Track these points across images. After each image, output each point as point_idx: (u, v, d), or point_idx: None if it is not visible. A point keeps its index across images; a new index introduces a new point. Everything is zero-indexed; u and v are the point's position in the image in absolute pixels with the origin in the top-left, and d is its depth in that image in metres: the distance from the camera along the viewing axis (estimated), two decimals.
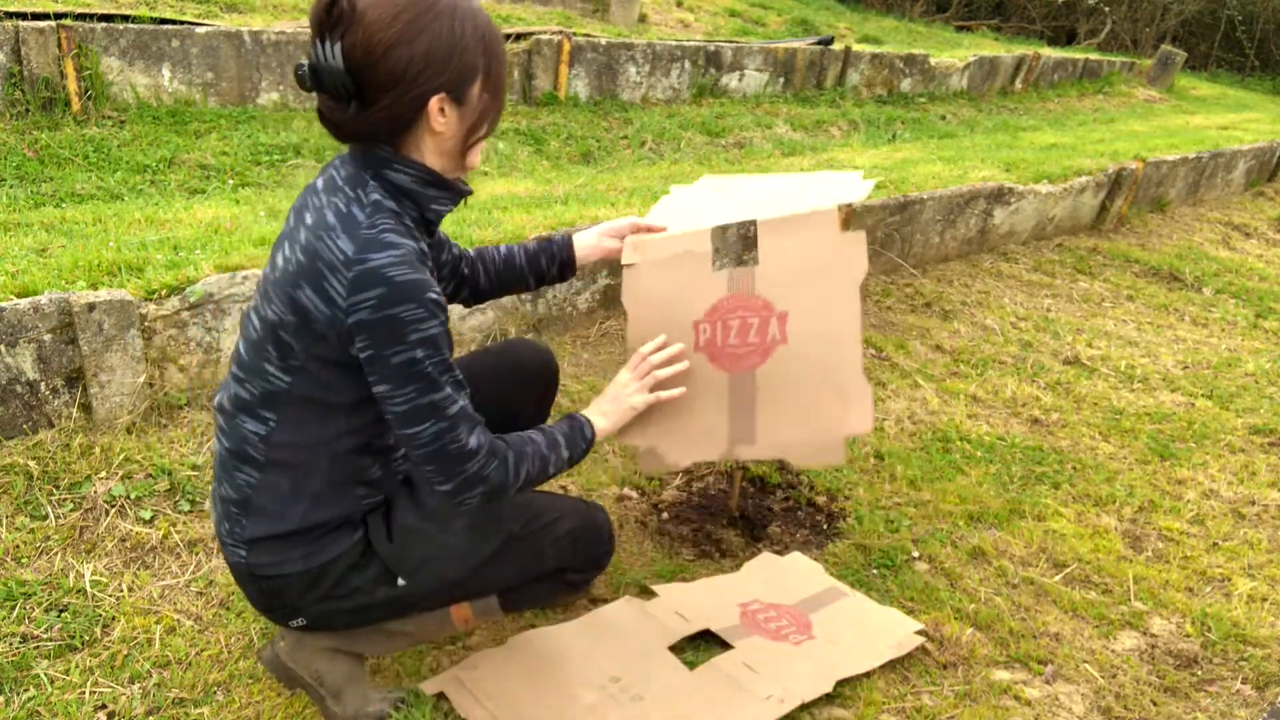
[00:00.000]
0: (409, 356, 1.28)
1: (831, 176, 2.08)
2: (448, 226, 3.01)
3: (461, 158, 1.38)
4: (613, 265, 3.22)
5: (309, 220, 1.32)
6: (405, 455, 1.50)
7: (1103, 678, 1.99)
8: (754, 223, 1.84)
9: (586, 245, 1.86)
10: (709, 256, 1.82)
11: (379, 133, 1.30)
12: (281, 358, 1.34)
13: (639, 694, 1.75)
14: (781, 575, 2.17)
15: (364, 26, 1.21)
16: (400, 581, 1.51)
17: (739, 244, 1.86)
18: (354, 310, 1.26)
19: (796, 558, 2.24)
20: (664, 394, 1.71)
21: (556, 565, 1.63)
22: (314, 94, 1.28)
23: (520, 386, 1.87)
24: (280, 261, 1.34)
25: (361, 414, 1.40)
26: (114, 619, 1.83)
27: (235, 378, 1.42)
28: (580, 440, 1.59)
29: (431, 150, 1.34)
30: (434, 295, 1.29)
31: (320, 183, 1.37)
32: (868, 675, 1.90)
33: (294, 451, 1.40)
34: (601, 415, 1.66)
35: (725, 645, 1.92)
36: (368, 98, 1.25)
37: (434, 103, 1.27)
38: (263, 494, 1.42)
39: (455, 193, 1.40)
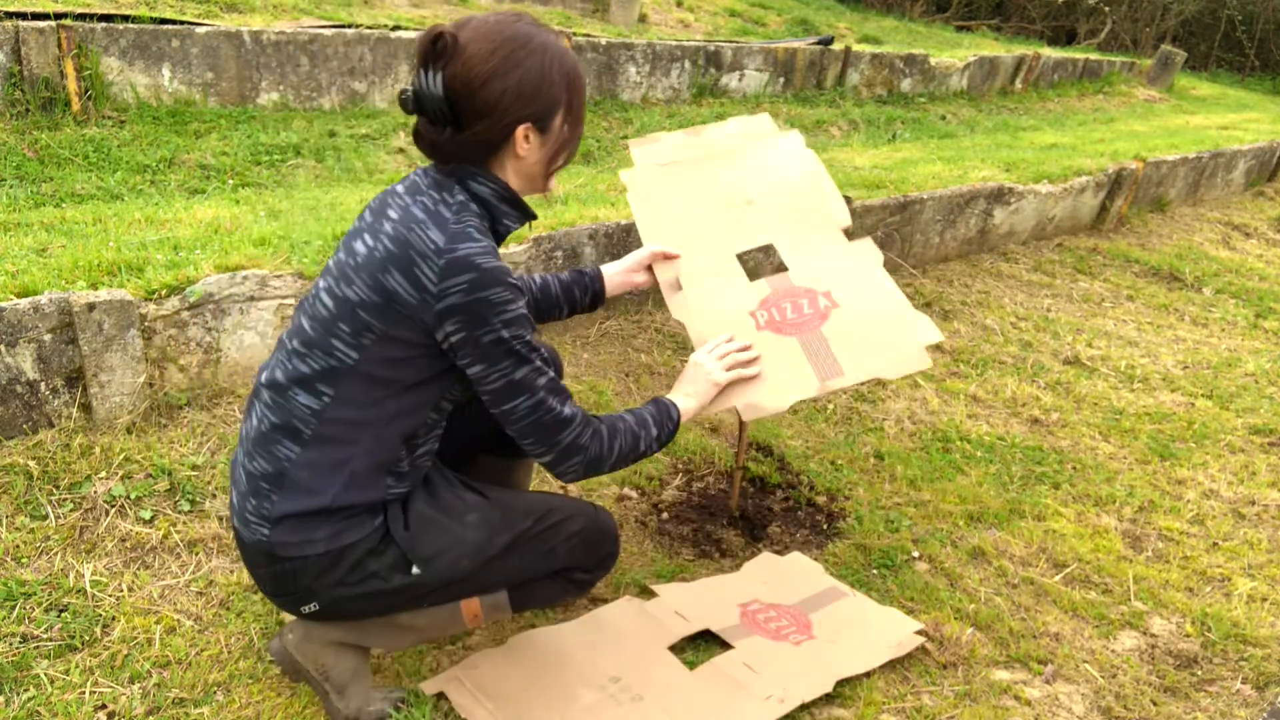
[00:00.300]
0: (500, 335, 1.40)
1: (774, 156, 2.24)
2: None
3: (541, 182, 1.54)
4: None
5: (394, 215, 1.43)
6: (512, 436, 1.55)
7: (1103, 678, 1.99)
8: (771, 246, 2.07)
9: (615, 279, 2.00)
10: (742, 275, 2.02)
11: (470, 154, 1.44)
12: (354, 335, 1.42)
13: (639, 694, 1.75)
14: (781, 575, 2.17)
15: (464, 60, 1.36)
16: (415, 570, 1.52)
17: (764, 259, 2.01)
18: (445, 295, 1.37)
19: (796, 558, 2.24)
20: (743, 371, 1.81)
21: (566, 564, 1.65)
22: (413, 115, 1.42)
23: None
24: (361, 249, 1.44)
25: (413, 398, 1.48)
26: (114, 619, 1.83)
27: (295, 353, 1.47)
28: (668, 421, 1.68)
29: (513, 171, 1.49)
30: (514, 280, 1.43)
31: (401, 187, 1.49)
32: (868, 675, 1.90)
33: (342, 428, 1.45)
34: (685, 396, 1.75)
35: (725, 645, 1.92)
36: (463, 123, 1.41)
37: (521, 130, 1.43)
38: (301, 469, 1.46)
39: (524, 213, 1.54)
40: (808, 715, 1.79)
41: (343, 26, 4.96)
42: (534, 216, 1.57)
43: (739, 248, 2.07)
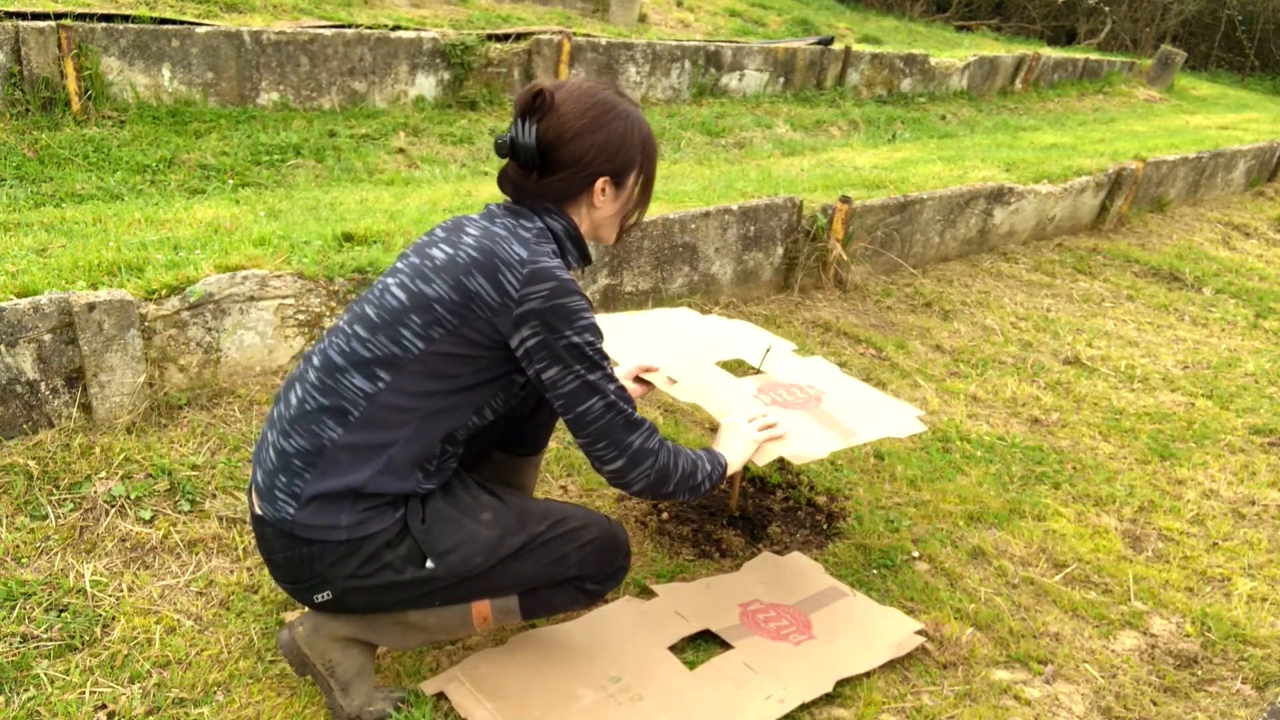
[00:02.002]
0: (576, 340, 1.51)
1: (711, 320, 2.59)
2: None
3: (609, 233, 1.70)
4: (612, 267, 3.22)
5: (473, 231, 1.56)
6: (581, 446, 1.63)
7: (1103, 678, 1.99)
8: (742, 359, 2.36)
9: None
10: (729, 375, 2.22)
11: (550, 197, 1.60)
12: (425, 327, 1.50)
13: (639, 694, 1.75)
14: (781, 575, 2.17)
15: (558, 116, 1.54)
16: (429, 563, 1.55)
17: (738, 370, 2.36)
18: (526, 300, 1.48)
19: (796, 557, 2.24)
20: (772, 433, 1.94)
21: (577, 572, 1.68)
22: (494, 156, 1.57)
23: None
24: (440, 255, 1.54)
25: (461, 399, 1.55)
26: (114, 619, 1.83)
27: (356, 337, 1.53)
28: (718, 467, 1.78)
29: (584, 216, 1.64)
30: (586, 296, 1.56)
31: (476, 216, 1.63)
32: (867, 675, 1.90)
33: (390, 414, 1.51)
34: (728, 451, 1.86)
35: (725, 645, 1.92)
36: (549, 170, 1.57)
37: (600, 182, 1.60)
38: (342, 450, 1.51)
39: (584, 256, 1.67)
40: (808, 715, 1.79)
41: (343, 26, 4.97)
42: (590, 262, 1.70)
43: (715, 359, 2.29)
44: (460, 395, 1.55)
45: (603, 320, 2.44)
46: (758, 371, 2.28)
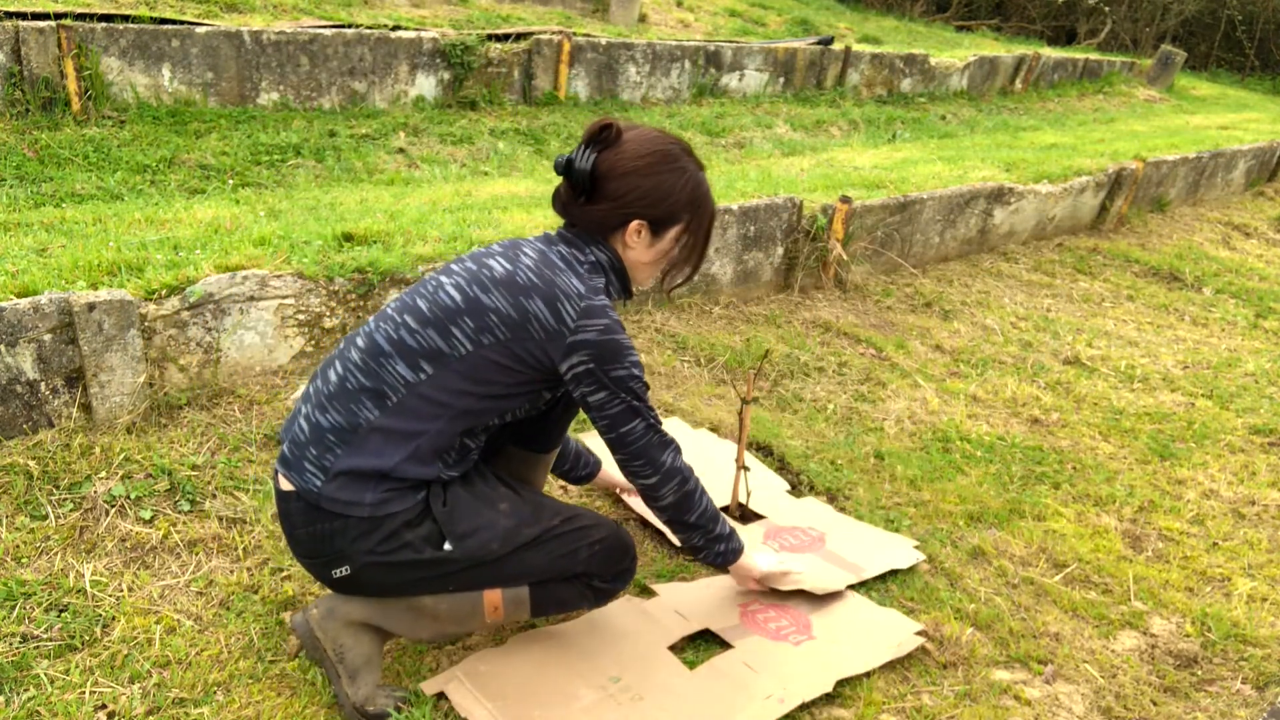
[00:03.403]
0: (627, 372, 1.63)
1: (707, 441, 2.71)
2: (449, 225, 3.01)
3: (643, 275, 1.76)
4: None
5: (531, 254, 1.64)
6: (618, 460, 1.74)
7: (1103, 678, 1.99)
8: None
9: (604, 479, 2.27)
10: (734, 523, 2.34)
11: (589, 223, 1.68)
12: (477, 332, 1.57)
13: (639, 694, 1.75)
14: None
15: (619, 151, 1.63)
16: (447, 545, 1.61)
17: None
18: (581, 330, 1.58)
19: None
20: (789, 579, 2.08)
21: (585, 569, 1.74)
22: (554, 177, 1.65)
23: None
24: (499, 269, 1.61)
25: (490, 404, 1.62)
26: (114, 619, 1.83)
27: (405, 327, 1.60)
28: (733, 542, 1.90)
29: (622, 255, 1.71)
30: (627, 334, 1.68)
31: (534, 238, 1.71)
32: (868, 675, 1.90)
33: (425, 405, 1.57)
34: (750, 555, 1.97)
35: (725, 645, 1.92)
36: (594, 199, 1.66)
37: (635, 224, 1.67)
38: (375, 431, 1.56)
39: (625, 290, 1.76)
40: (808, 715, 1.79)
41: (343, 26, 4.97)
42: (631, 296, 1.79)
43: (717, 505, 2.35)
44: (492, 400, 1.61)
45: (592, 443, 2.56)
46: (759, 516, 2.40)
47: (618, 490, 2.34)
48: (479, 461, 1.75)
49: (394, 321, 1.61)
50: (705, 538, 1.83)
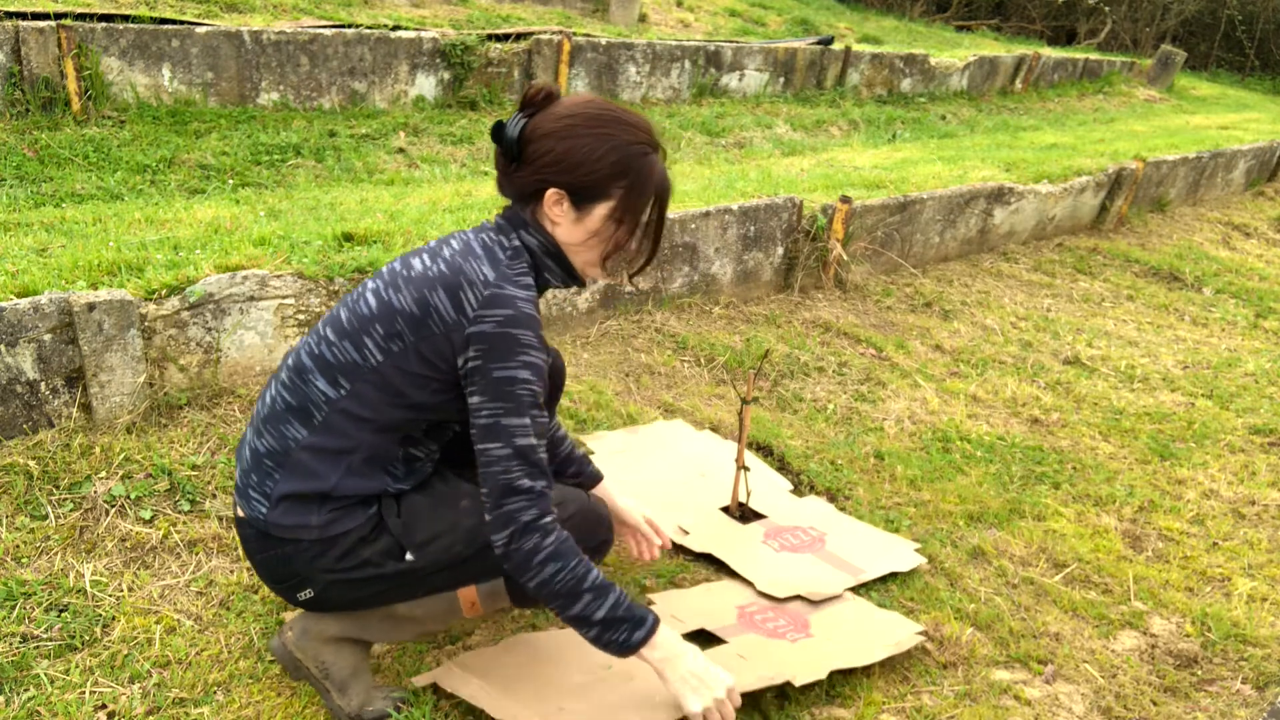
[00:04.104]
0: (511, 374, 1.44)
1: (705, 444, 2.68)
2: (449, 225, 3.01)
3: (581, 259, 1.58)
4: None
5: (455, 245, 1.53)
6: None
7: (1103, 678, 1.99)
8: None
9: (601, 492, 1.95)
10: (734, 522, 2.36)
11: (516, 194, 1.55)
12: (386, 339, 1.48)
13: (630, 675, 1.76)
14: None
15: (545, 114, 1.50)
16: (409, 556, 1.54)
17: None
18: (479, 320, 1.44)
19: None
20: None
21: None
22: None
23: None
24: (418, 265, 1.52)
25: (417, 414, 1.53)
26: (114, 619, 1.83)
27: (326, 340, 1.53)
28: (627, 628, 1.51)
29: (553, 235, 1.56)
30: (541, 333, 1.49)
31: (470, 229, 1.60)
32: (868, 675, 1.90)
33: (348, 421, 1.51)
34: (669, 651, 1.56)
35: (720, 641, 1.92)
36: (519, 164, 1.52)
37: (551, 193, 1.51)
38: (305, 451, 1.51)
39: (568, 275, 1.59)
40: (808, 715, 1.79)
41: (343, 26, 4.97)
42: (582, 284, 1.63)
43: (718, 505, 2.40)
44: (415, 410, 1.52)
45: (595, 443, 2.55)
46: (760, 516, 2.38)
47: (626, 519, 1.98)
48: (440, 464, 1.67)
49: (318, 335, 1.55)
50: (561, 604, 1.49)
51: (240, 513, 1.56)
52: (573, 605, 1.49)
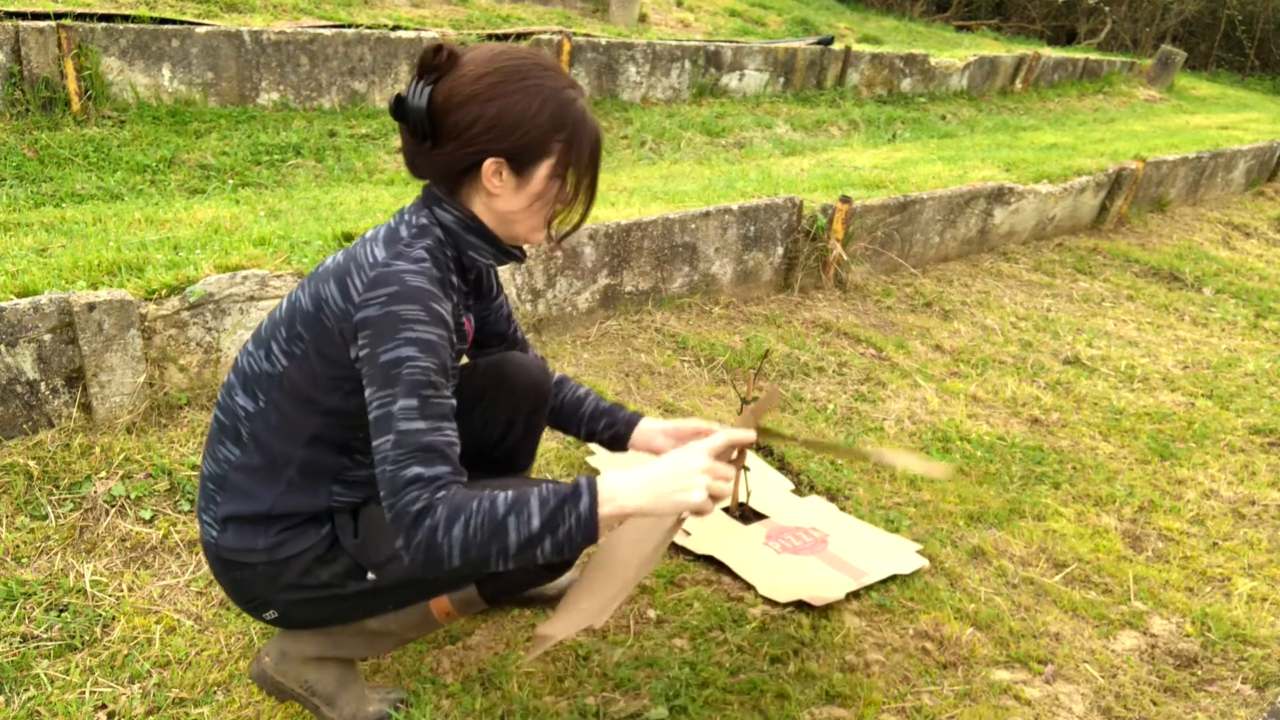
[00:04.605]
0: (396, 355, 1.25)
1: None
2: None
3: (525, 230, 1.42)
4: (612, 267, 3.22)
5: (368, 234, 1.41)
6: None
7: (1103, 678, 1.99)
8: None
9: (644, 435, 1.73)
10: (735, 522, 2.37)
11: (439, 174, 1.38)
12: (289, 341, 1.37)
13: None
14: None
15: (454, 78, 1.31)
16: (370, 575, 1.46)
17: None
18: (364, 306, 1.29)
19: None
20: (722, 487, 1.32)
21: None
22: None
23: (506, 404, 1.73)
24: (329, 260, 1.41)
25: (337, 419, 1.40)
26: (114, 619, 1.83)
27: (246, 352, 1.44)
28: (568, 517, 1.23)
29: (485, 207, 1.40)
30: (440, 308, 1.30)
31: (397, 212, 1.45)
32: (868, 675, 1.90)
33: (273, 435, 1.40)
34: (623, 489, 1.26)
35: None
36: (437, 140, 1.34)
37: (489, 164, 1.34)
38: (239, 472, 1.43)
39: (500, 250, 1.44)
40: (808, 715, 1.79)
41: (343, 26, 4.97)
42: (518, 257, 1.47)
43: (719, 505, 2.31)
44: (335, 416, 1.39)
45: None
46: (761, 516, 2.41)
47: (659, 445, 1.71)
48: None
49: (244, 347, 1.45)
50: (530, 544, 1.22)
51: (200, 535, 1.52)
52: (506, 540, 1.20)
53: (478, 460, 1.72)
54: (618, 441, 1.74)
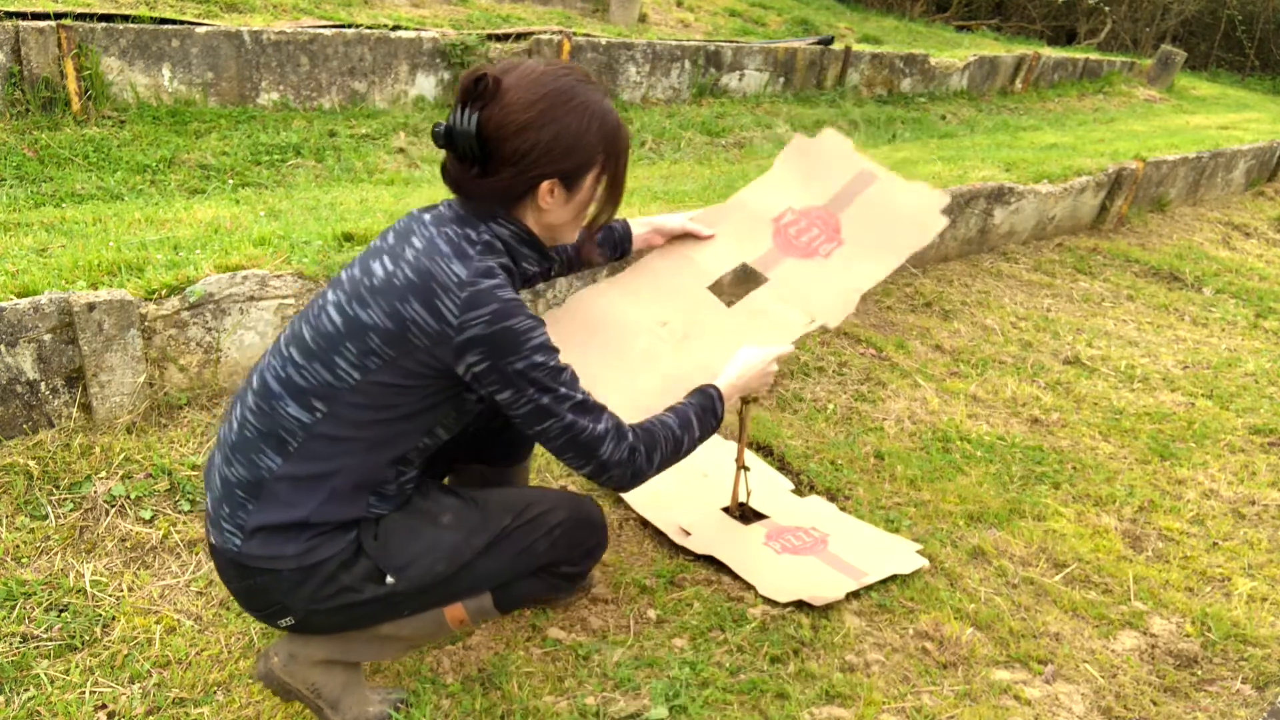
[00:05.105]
0: (529, 361, 1.40)
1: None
2: None
3: (567, 233, 1.55)
4: (612, 267, 3.22)
5: (417, 244, 1.42)
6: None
7: (1103, 678, 1.99)
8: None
9: (642, 239, 2.05)
10: (740, 523, 2.35)
11: (493, 198, 1.44)
12: (361, 356, 1.39)
13: (685, 334, 1.91)
14: (812, 164, 2.18)
15: (503, 105, 1.37)
16: (389, 579, 1.48)
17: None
18: (467, 327, 1.37)
19: (828, 136, 2.21)
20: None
21: (548, 559, 1.61)
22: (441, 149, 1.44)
23: None
24: (380, 272, 1.42)
25: (406, 425, 1.46)
26: (114, 619, 1.83)
27: (292, 362, 1.44)
28: (711, 417, 1.70)
29: (534, 220, 1.49)
30: (529, 312, 1.45)
31: (428, 216, 1.48)
32: (868, 671, 1.90)
33: (329, 445, 1.42)
34: (731, 391, 1.76)
35: (760, 278, 2.04)
36: (490, 167, 1.40)
37: (545, 185, 1.42)
38: (281, 481, 1.42)
39: (544, 257, 1.55)
40: (808, 715, 1.79)
41: (343, 26, 4.97)
42: (553, 261, 1.61)
43: (719, 505, 2.39)
44: (405, 423, 1.46)
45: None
46: (761, 516, 2.38)
47: (659, 242, 2.08)
48: (424, 477, 1.61)
49: (281, 356, 1.45)
50: (678, 460, 1.65)
51: (212, 540, 1.49)
52: (681, 450, 1.64)
53: (480, 444, 1.80)
54: (622, 252, 2.01)
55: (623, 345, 1.83)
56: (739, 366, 1.79)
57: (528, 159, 1.39)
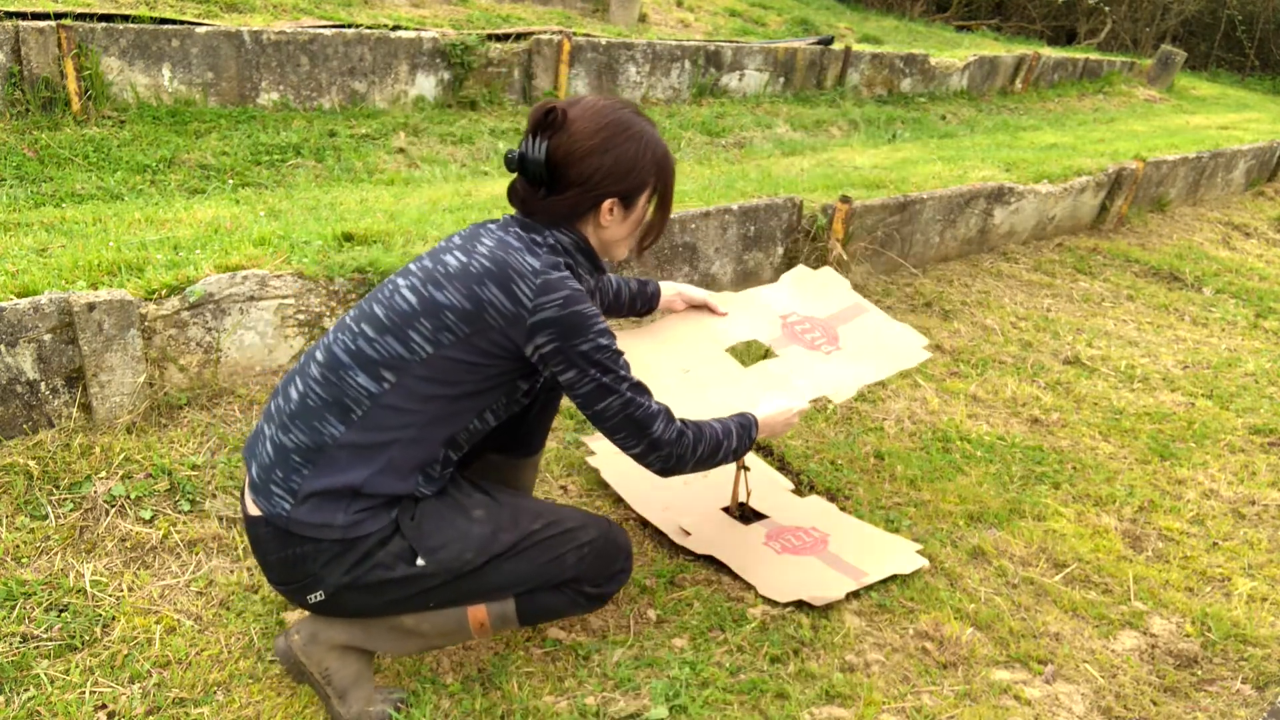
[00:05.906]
0: (594, 344, 1.55)
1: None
2: (450, 225, 3.01)
3: (620, 250, 1.73)
4: (611, 266, 3.22)
5: (488, 241, 1.58)
6: (605, 433, 1.68)
7: (1103, 678, 1.99)
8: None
9: (666, 301, 2.26)
10: (741, 524, 2.39)
11: (558, 215, 1.61)
12: (435, 332, 1.51)
13: (706, 383, 2.10)
14: (814, 288, 2.46)
15: (570, 134, 1.56)
16: (420, 560, 1.55)
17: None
18: (540, 309, 1.52)
19: (826, 272, 2.52)
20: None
21: (575, 574, 1.67)
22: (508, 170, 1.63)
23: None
24: (454, 262, 1.56)
25: (464, 404, 1.57)
26: (114, 619, 1.83)
27: (363, 336, 1.54)
28: (744, 437, 1.84)
29: (592, 234, 1.66)
30: (595, 305, 1.63)
31: (493, 225, 1.64)
32: (868, 671, 1.90)
33: (393, 415, 1.52)
34: (763, 427, 1.91)
35: (769, 353, 2.24)
36: (557, 189, 1.59)
37: (607, 204, 1.61)
38: (342, 448, 1.51)
39: (596, 267, 1.71)
40: (808, 715, 1.79)
41: (343, 26, 4.97)
42: (604, 271, 1.75)
43: (719, 505, 2.42)
44: (464, 401, 1.56)
45: (597, 444, 2.59)
46: (761, 516, 2.40)
47: (680, 307, 2.30)
48: (457, 470, 1.70)
49: (351, 331, 1.56)
50: (712, 465, 1.79)
51: (255, 510, 1.54)
52: (718, 455, 1.77)
53: (502, 435, 1.86)
54: (648, 311, 2.21)
55: (649, 381, 1.87)
56: (769, 408, 1.94)
57: (591, 180, 1.57)
